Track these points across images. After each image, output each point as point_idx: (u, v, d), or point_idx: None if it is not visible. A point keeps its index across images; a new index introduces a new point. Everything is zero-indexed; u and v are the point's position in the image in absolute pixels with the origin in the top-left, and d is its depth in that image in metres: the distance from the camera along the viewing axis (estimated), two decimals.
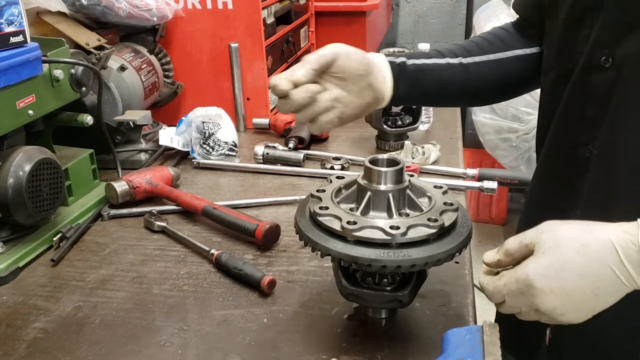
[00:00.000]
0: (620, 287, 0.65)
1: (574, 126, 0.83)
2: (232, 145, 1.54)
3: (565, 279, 0.66)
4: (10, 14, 1.07)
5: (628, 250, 0.63)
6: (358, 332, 0.91)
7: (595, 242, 0.65)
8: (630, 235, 0.63)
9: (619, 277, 0.64)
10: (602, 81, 0.77)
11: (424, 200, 0.88)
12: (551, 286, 0.66)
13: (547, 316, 0.68)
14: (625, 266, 0.63)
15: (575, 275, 0.65)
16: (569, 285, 0.66)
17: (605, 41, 0.76)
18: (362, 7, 2.30)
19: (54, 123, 1.30)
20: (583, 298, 0.66)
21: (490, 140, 2.65)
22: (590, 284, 0.65)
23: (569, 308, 0.66)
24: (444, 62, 0.99)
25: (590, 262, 0.65)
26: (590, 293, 0.65)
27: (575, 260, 0.66)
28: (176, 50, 1.78)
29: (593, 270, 0.65)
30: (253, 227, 1.14)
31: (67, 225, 1.22)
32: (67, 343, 0.91)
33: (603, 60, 0.76)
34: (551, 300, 0.67)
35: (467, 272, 1.05)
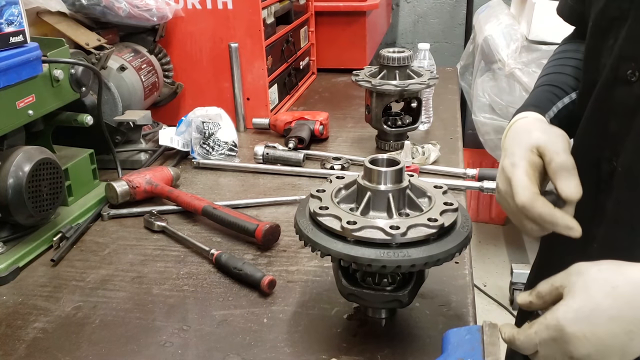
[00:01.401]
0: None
1: (597, 141, 0.80)
2: (232, 145, 1.54)
3: (596, 323, 0.63)
4: (10, 14, 1.07)
5: None
6: (358, 332, 0.91)
7: (625, 283, 0.63)
8: None
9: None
10: (628, 95, 0.74)
11: (424, 200, 0.88)
12: (583, 331, 0.63)
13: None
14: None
15: (607, 318, 0.63)
16: (601, 330, 0.63)
17: (631, 54, 0.73)
18: (362, 7, 2.30)
19: (54, 123, 1.30)
20: (616, 342, 0.62)
21: (490, 140, 2.65)
22: (623, 328, 0.62)
23: (603, 353, 0.63)
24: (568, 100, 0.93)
25: (621, 305, 0.62)
26: (624, 337, 0.62)
27: (605, 303, 0.63)
28: (176, 50, 1.78)
29: (625, 313, 0.62)
30: (253, 227, 1.14)
31: (67, 225, 1.22)
32: (67, 343, 0.91)
33: (629, 74, 0.73)
34: (585, 346, 0.63)
35: (467, 272, 1.05)
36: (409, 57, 1.52)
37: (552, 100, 0.91)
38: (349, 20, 2.31)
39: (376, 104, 1.54)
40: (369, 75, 1.56)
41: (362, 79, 1.53)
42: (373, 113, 1.56)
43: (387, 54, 1.51)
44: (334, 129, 1.75)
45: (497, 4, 2.98)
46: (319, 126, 1.65)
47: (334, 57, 2.36)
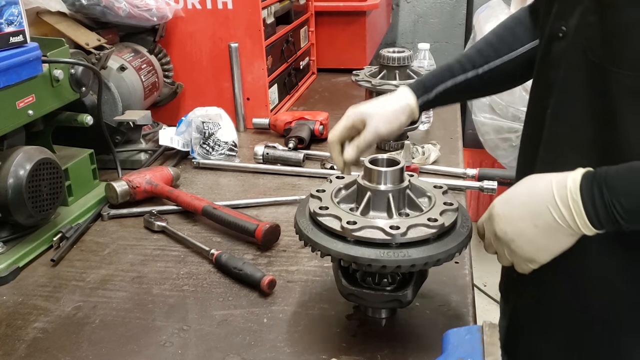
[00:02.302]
0: (555, 225, 0.73)
1: (542, 90, 0.90)
2: (232, 145, 1.54)
3: (512, 205, 0.78)
4: (10, 14, 1.07)
5: (561, 190, 0.72)
6: (358, 332, 0.91)
7: (541, 182, 0.76)
8: (565, 178, 0.73)
9: (551, 212, 0.73)
10: (557, 49, 0.85)
11: (424, 200, 0.88)
12: (503, 211, 0.78)
13: (504, 242, 0.78)
14: (556, 202, 0.73)
15: (519, 204, 0.77)
16: (514, 212, 0.77)
17: (562, 14, 0.85)
18: (362, 7, 2.30)
19: (54, 123, 1.30)
20: (524, 226, 0.76)
21: (490, 140, 2.65)
22: (530, 214, 0.75)
23: (515, 234, 0.77)
24: (463, 78, 1.06)
25: (532, 194, 0.76)
26: (530, 222, 0.75)
27: (522, 192, 0.78)
28: (176, 50, 1.78)
29: (532, 203, 0.75)
30: (253, 227, 1.14)
31: (67, 225, 1.22)
32: (67, 343, 0.91)
33: (559, 30, 0.84)
34: (502, 224, 0.78)
35: (467, 272, 1.05)
36: (409, 57, 1.52)
37: (442, 79, 1.06)
38: (349, 20, 2.31)
39: None
40: (369, 75, 1.56)
41: (362, 79, 1.53)
42: None
43: (387, 54, 1.51)
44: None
45: (497, 4, 2.98)
46: (319, 126, 1.65)
47: (334, 57, 2.36)
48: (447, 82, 1.07)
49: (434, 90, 1.06)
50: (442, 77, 1.07)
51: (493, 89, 1.19)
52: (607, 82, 0.76)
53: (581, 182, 0.72)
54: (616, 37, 0.75)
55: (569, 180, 0.73)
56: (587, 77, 0.80)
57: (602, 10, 0.76)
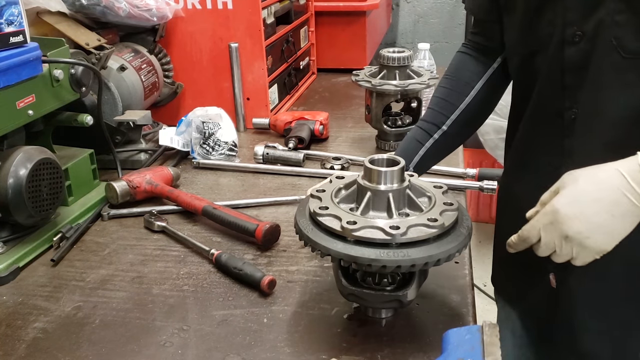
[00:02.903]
0: (632, 209, 0.75)
1: (556, 94, 0.93)
2: (232, 145, 1.54)
3: (583, 204, 0.78)
4: (10, 14, 1.07)
5: (633, 174, 0.75)
6: (358, 332, 0.91)
7: (605, 172, 0.78)
8: (633, 162, 0.76)
9: (628, 197, 0.75)
10: (575, 53, 0.89)
11: (424, 200, 0.88)
12: (574, 211, 0.78)
13: (577, 241, 0.78)
14: (633, 187, 0.75)
15: (591, 200, 0.77)
16: (588, 210, 0.77)
17: (573, 20, 0.88)
18: (362, 7, 2.30)
19: (54, 123, 1.30)
20: (601, 220, 0.77)
21: (490, 140, 2.65)
22: (605, 206, 0.76)
23: (591, 231, 0.77)
24: (431, 142, 1.14)
25: (602, 187, 0.77)
26: (606, 215, 0.76)
27: (590, 188, 0.78)
28: (176, 50, 1.78)
29: (605, 194, 0.77)
30: (253, 227, 1.14)
31: (67, 225, 1.22)
32: (67, 343, 0.91)
33: (574, 36, 0.88)
34: (576, 225, 0.78)
35: (467, 272, 1.05)
36: (409, 57, 1.52)
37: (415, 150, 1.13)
38: (349, 20, 2.31)
39: (376, 104, 1.54)
40: (369, 75, 1.56)
41: (362, 79, 1.53)
42: (373, 113, 1.56)
43: (387, 54, 1.51)
44: (334, 129, 1.75)
45: None
46: (319, 126, 1.65)
47: (334, 57, 2.36)
48: (420, 152, 1.13)
49: (412, 161, 1.13)
50: (413, 151, 1.14)
51: (460, 139, 1.23)
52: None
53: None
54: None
55: (635, 162, 0.76)
56: (618, 73, 0.84)
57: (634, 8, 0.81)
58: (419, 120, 1.18)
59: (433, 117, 1.14)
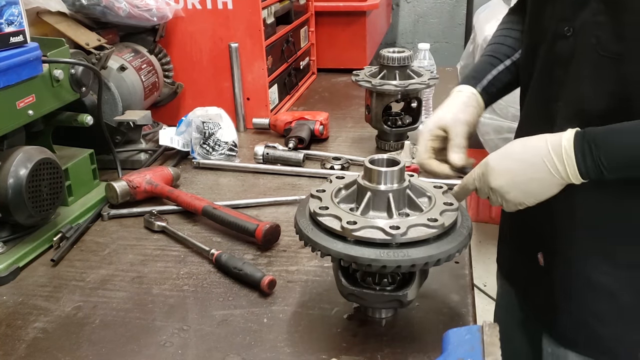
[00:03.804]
0: (549, 176, 0.84)
1: (546, 86, 0.99)
2: (232, 145, 1.54)
3: (508, 160, 0.89)
4: (10, 14, 1.07)
5: (555, 145, 0.84)
6: (358, 332, 0.91)
7: (535, 139, 0.87)
8: (559, 135, 0.84)
9: (546, 164, 0.84)
10: (565, 47, 0.93)
11: (424, 200, 0.88)
12: (499, 166, 0.89)
13: (499, 193, 0.89)
14: (551, 156, 0.84)
15: (516, 159, 0.88)
16: (510, 166, 0.88)
17: (566, 15, 0.93)
18: (362, 7, 2.30)
19: (54, 123, 1.30)
20: (521, 180, 0.87)
21: (490, 140, 2.65)
22: (525, 167, 0.86)
23: (511, 186, 0.88)
24: (502, 67, 1.17)
25: (527, 150, 0.87)
26: (525, 175, 0.86)
27: (518, 150, 0.89)
28: (176, 50, 1.78)
29: (528, 157, 0.86)
30: (253, 227, 1.14)
31: (67, 225, 1.22)
32: (67, 343, 0.91)
33: (566, 30, 0.93)
34: (499, 178, 0.88)
35: (467, 272, 1.05)
36: (409, 57, 1.52)
37: (487, 69, 1.16)
38: (349, 20, 2.31)
39: (376, 104, 1.54)
40: (369, 75, 1.56)
41: (362, 79, 1.53)
42: (373, 113, 1.56)
43: (387, 54, 1.51)
44: (334, 129, 1.75)
45: (497, 4, 2.98)
46: (319, 126, 1.65)
47: (334, 57, 2.36)
48: (493, 71, 1.16)
49: (485, 79, 1.15)
50: (487, 69, 1.16)
51: None
52: (619, 73, 0.86)
53: (574, 140, 0.83)
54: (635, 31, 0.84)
55: (563, 138, 0.84)
56: (597, 70, 0.89)
57: (613, 11, 0.85)
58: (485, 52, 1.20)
59: (500, 50, 1.17)
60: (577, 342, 1.03)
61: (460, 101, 1.11)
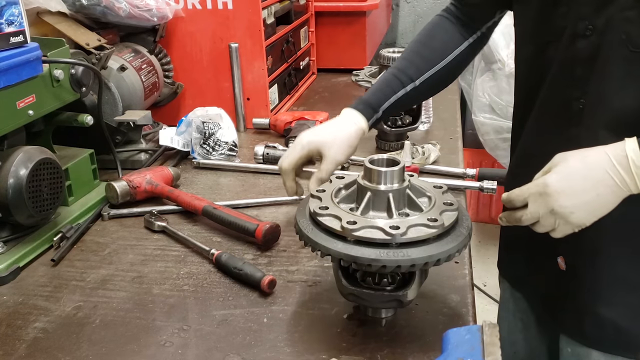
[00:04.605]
0: (616, 189, 0.82)
1: (566, 85, 0.97)
2: (232, 145, 1.54)
3: (572, 180, 0.84)
4: (10, 14, 1.07)
5: (618, 157, 0.81)
6: (358, 332, 0.91)
7: (594, 154, 0.84)
8: (620, 147, 0.82)
9: (613, 178, 0.81)
10: (586, 46, 0.92)
11: (424, 200, 0.88)
12: (563, 187, 0.84)
13: (561, 215, 0.84)
14: (617, 169, 0.81)
15: (580, 177, 0.83)
16: (576, 186, 0.83)
17: (585, 14, 0.92)
18: (362, 7, 2.30)
19: (54, 123, 1.30)
20: (587, 198, 0.83)
21: (490, 140, 2.65)
22: (592, 185, 0.83)
23: (577, 207, 0.83)
24: (402, 93, 1.15)
25: (590, 167, 0.83)
26: (592, 192, 0.83)
27: (579, 167, 0.84)
28: (176, 50, 1.78)
29: (593, 174, 0.83)
30: (253, 227, 1.14)
31: (67, 225, 1.22)
32: (67, 343, 0.91)
33: (585, 30, 0.92)
34: (563, 199, 0.83)
35: (467, 272, 1.05)
36: None
37: (387, 96, 1.15)
38: (349, 20, 2.31)
39: None
40: (369, 75, 1.56)
41: (362, 79, 1.54)
42: None
43: (387, 54, 1.51)
44: None
45: None
46: None
47: (334, 57, 2.36)
48: (391, 99, 1.15)
49: (380, 109, 1.14)
50: (385, 95, 1.15)
51: (426, 96, 1.28)
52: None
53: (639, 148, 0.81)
54: None
55: (627, 149, 0.81)
56: (626, 66, 0.88)
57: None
58: (393, 66, 1.19)
59: (408, 70, 1.16)
60: (602, 340, 1.02)
61: (347, 135, 1.10)
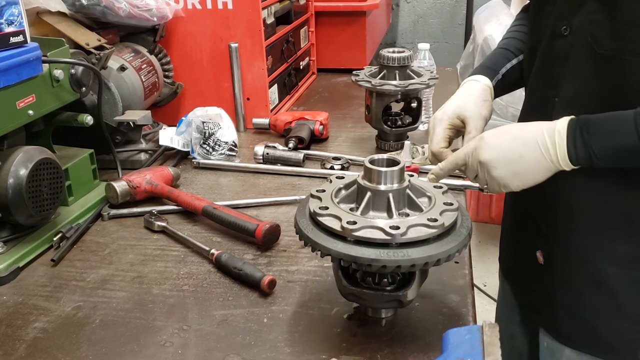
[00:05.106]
0: (541, 159, 0.86)
1: (544, 84, 1.01)
2: (232, 145, 1.54)
3: (503, 137, 0.91)
4: (10, 14, 1.07)
5: (550, 129, 0.86)
6: (358, 332, 0.91)
7: (533, 124, 0.90)
8: (553, 123, 0.87)
9: (539, 145, 0.86)
10: (562, 46, 0.96)
11: (424, 200, 0.88)
12: (492, 140, 0.91)
13: (486, 168, 0.90)
14: (545, 138, 0.86)
15: (510, 136, 0.90)
16: (504, 142, 0.90)
17: (564, 15, 0.95)
18: (362, 7, 2.30)
19: (54, 123, 1.30)
20: (511, 156, 0.88)
21: None
22: (518, 145, 0.88)
23: (500, 162, 0.89)
24: (516, 61, 1.18)
25: (523, 131, 0.90)
26: (516, 153, 0.88)
27: (514, 129, 0.92)
28: (176, 50, 1.78)
29: (522, 136, 0.89)
30: (253, 227, 1.14)
31: (67, 225, 1.22)
32: (67, 343, 0.91)
33: (563, 30, 0.95)
34: (490, 151, 0.90)
35: (467, 272, 1.05)
36: (409, 57, 1.52)
37: (502, 62, 1.18)
38: (349, 20, 2.31)
39: (376, 104, 1.54)
40: (369, 75, 1.56)
41: (362, 79, 1.53)
42: (373, 113, 1.56)
43: (387, 54, 1.51)
44: (334, 129, 1.75)
45: (497, 4, 2.98)
46: (319, 126, 1.65)
47: (334, 57, 2.36)
48: (507, 65, 1.17)
49: (500, 72, 1.17)
50: (502, 61, 1.18)
51: None
52: (615, 69, 0.88)
53: (568, 125, 0.86)
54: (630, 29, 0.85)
55: (558, 123, 0.86)
56: (593, 67, 0.91)
57: (609, 10, 0.86)
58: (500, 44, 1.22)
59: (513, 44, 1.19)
60: (572, 337, 1.03)
61: (477, 92, 1.11)
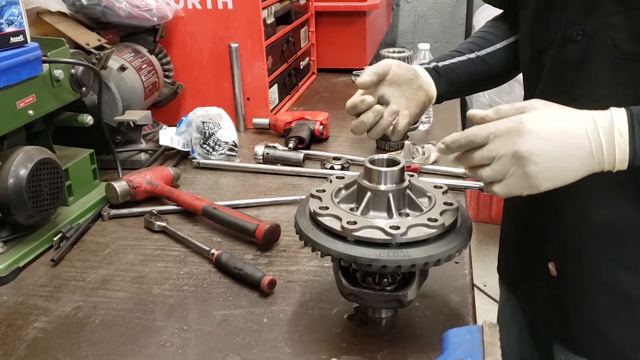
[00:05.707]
0: (587, 157, 0.73)
1: (556, 90, 0.96)
2: (232, 145, 1.54)
3: (552, 127, 0.74)
4: (10, 14, 1.07)
5: (606, 126, 0.73)
6: (358, 332, 0.91)
7: (579, 115, 0.76)
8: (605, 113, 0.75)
9: (591, 145, 0.73)
10: (576, 51, 0.92)
11: (424, 200, 0.88)
12: (539, 129, 0.73)
13: (522, 161, 0.73)
14: (599, 136, 0.73)
15: (559, 129, 0.74)
16: (554, 137, 0.73)
17: (576, 19, 0.92)
18: (362, 7, 2.30)
19: (54, 123, 1.30)
20: (557, 152, 0.73)
21: None
22: (567, 141, 0.73)
23: (543, 158, 0.73)
24: (465, 58, 1.18)
25: (574, 120, 0.75)
26: (564, 150, 0.73)
27: (563, 116, 0.76)
28: (176, 50, 1.78)
29: (572, 130, 0.74)
30: (253, 227, 1.14)
31: (67, 225, 1.22)
32: (67, 343, 0.91)
33: (575, 35, 0.92)
34: (534, 142, 0.73)
35: (467, 272, 1.05)
36: (409, 57, 1.52)
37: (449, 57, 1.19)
38: (349, 20, 2.31)
39: None
40: None
41: None
42: None
43: (387, 54, 1.51)
44: (334, 129, 1.75)
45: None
46: (319, 126, 1.65)
47: (334, 57, 2.36)
48: (454, 59, 1.18)
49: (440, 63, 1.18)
50: (449, 55, 1.20)
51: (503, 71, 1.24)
52: (637, 73, 0.85)
53: (628, 119, 0.73)
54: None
55: (615, 118, 0.73)
56: (612, 72, 0.88)
57: (628, 12, 0.84)
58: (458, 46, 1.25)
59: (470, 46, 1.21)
60: (591, 349, 1.03)
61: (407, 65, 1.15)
